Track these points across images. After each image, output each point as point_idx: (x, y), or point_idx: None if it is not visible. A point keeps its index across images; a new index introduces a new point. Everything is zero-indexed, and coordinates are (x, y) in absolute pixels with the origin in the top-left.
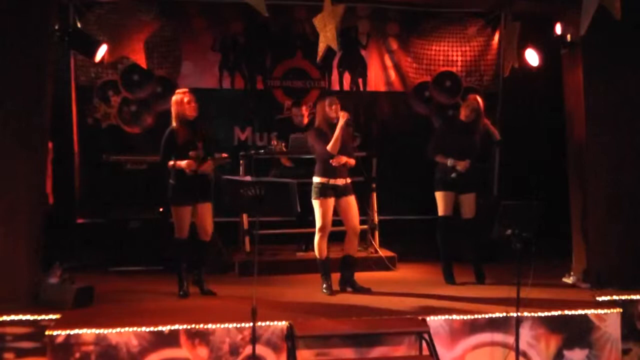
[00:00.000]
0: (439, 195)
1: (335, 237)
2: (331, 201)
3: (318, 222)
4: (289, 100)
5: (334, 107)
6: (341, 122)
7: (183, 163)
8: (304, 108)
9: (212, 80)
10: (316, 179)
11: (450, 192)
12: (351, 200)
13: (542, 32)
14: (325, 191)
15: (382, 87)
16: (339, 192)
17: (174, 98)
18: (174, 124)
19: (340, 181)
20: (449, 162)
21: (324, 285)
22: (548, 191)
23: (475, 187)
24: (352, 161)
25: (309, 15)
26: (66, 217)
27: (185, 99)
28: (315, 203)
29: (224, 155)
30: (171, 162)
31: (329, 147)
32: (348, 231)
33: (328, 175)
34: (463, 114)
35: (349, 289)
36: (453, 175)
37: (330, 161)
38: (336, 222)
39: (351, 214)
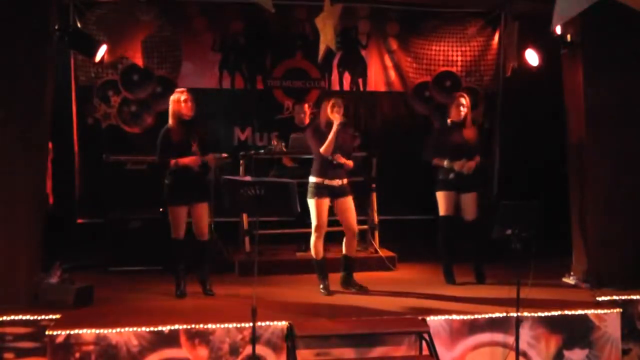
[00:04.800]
0: (439, 196)
1: (334, 237)
2: (326, 201)
3: (313, 222)
4: (289, 100)
5: (335, 109)
6: (335, 127)
7: (187, 160)
8: (306, 106)
9: (212, 80)
10: (311, 179)
11: (451, 192)
12: (348, 202)
13: (542, 32)
14: (319, 191)
15: (382, 87)
16: (334, 193)
17: (172, 97)
18: (170, 122)
19: (335, 182)
20: (446, 163)
21: (321, 286)
22: (548, 191)
23: (476, 186)
24: (350, 163)
25: (309, 15)
26: (66, 217)
27: (182, 98)
28: (311, 203)
29: (224, 155)
30: (173, 161)
31: (322, 150)
32: (346, 232)
33: (323, 175)
34: (454, 114)
35: (349, 289)
36: (451, 175)
37: (331, 157)
38: (333, 222)
39: (348, 215)
